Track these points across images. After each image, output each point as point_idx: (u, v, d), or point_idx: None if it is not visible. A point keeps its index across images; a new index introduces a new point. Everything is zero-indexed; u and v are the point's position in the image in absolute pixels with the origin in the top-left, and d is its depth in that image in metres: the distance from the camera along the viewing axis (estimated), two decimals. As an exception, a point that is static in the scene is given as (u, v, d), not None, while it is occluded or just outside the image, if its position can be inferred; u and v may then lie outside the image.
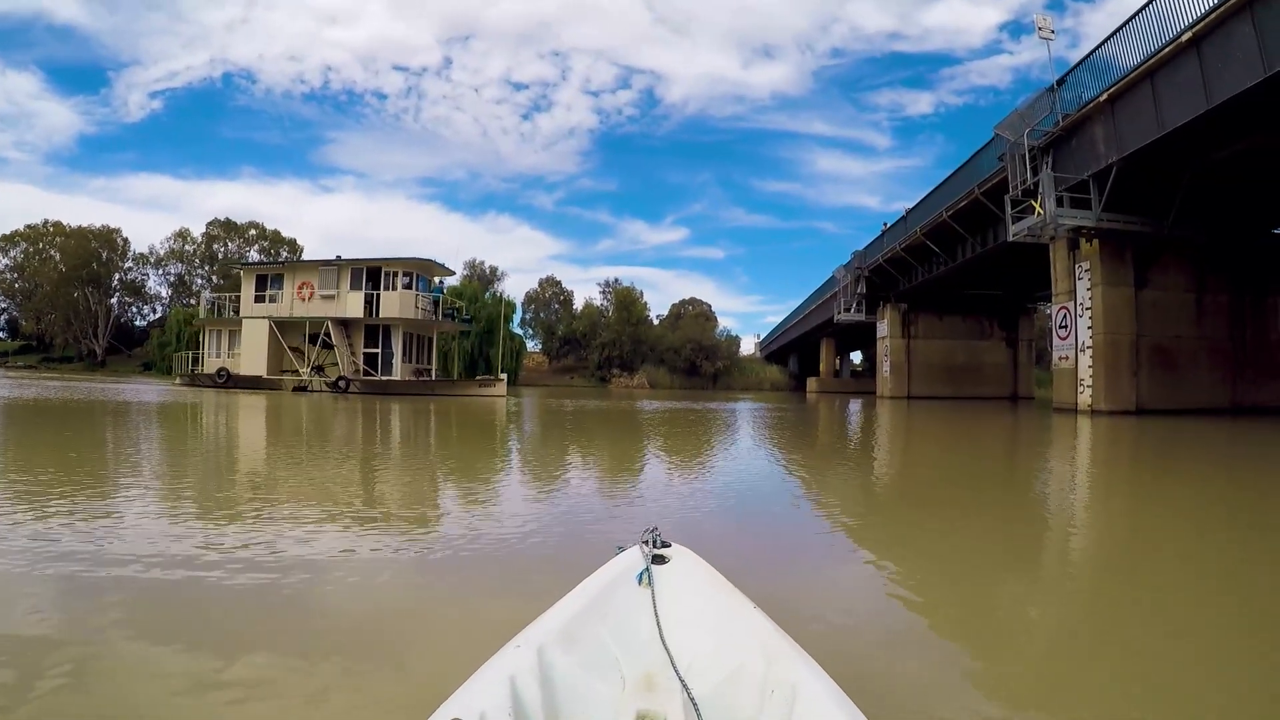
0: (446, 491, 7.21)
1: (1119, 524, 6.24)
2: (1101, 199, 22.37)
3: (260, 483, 7.20)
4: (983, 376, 44.89)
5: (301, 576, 3.65)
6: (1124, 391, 23.42)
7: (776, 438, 15.84)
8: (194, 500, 5.93)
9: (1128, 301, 23.63)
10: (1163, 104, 19.13)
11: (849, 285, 47.30)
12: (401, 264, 36.04)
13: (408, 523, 5.32)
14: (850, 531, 5.50)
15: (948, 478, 9.59)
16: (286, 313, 36.97)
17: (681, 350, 74.51)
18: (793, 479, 9.18)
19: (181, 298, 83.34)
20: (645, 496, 6.96)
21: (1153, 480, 9.77)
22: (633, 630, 1.97)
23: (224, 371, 37.01)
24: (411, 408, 22.91)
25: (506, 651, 1.72)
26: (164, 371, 67.18)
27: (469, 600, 3.48)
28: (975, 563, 4.57)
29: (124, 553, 3.96)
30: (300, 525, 4.86)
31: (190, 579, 3.56)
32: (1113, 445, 14.96)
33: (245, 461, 9.38)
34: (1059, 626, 3.35)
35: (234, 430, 14.46)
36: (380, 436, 13.73)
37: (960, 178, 32.13)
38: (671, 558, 2.29)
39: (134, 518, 5.01)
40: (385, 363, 36.26)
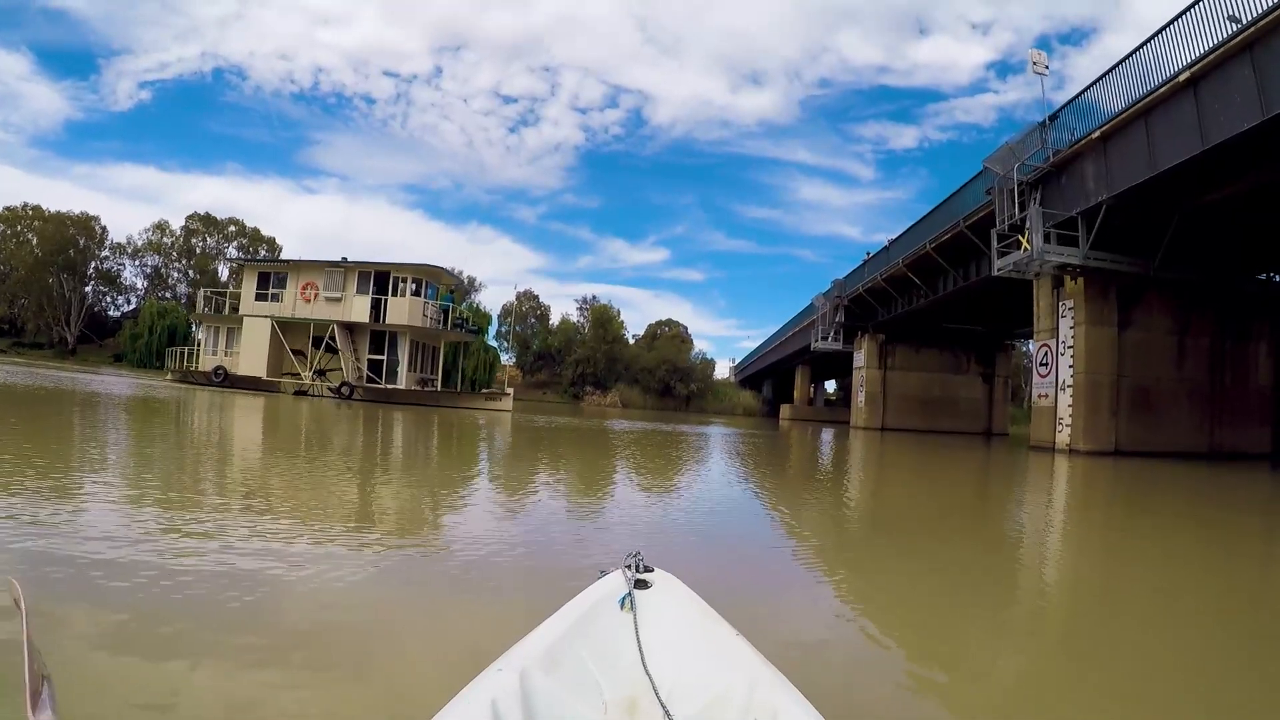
0: (453, 512, 6.89)
1: (1093, 564, 6.23)
2: (1089, 237, 22.18)
3: (299, 502, 6.71)
4: (957, 411, 44.72)
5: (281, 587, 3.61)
6: (1103, 432, 23.17)
7: (752, 465, 15.55)
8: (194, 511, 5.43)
9: (1110, 341, 23.43)
10: (1156, 144, 18.95)
11: (828, 313, 47.17)
12: (411, 270, 35.01)
13: (420, 548, 5.03)
14: (823, 564, 5.50)
15: (928, 512, 9.42)
16: (289, 313, 35.74)
17: (656, 371, 74.14)
18: (767, 508, 8.96)
19: (157, 290, 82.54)
20: (617, 519, 6.87)
21: (1128, 521, 9.70)
22: (615, 654, 1.97)
23: (221, 370, 35.61)
24: (420, 419, 22.12)
25: (488, 674, 1.72)
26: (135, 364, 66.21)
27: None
28: (951, 598, 4.52)
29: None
30: (301, 540, 4.66)
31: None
32: (1093, 486, 14.79)
33: (272, 474, 8.86)
34: (1026, 658, 3.43)
35: (247, 438, 13.80)
36: (404, 452, 13.26)
37: (945, 210, 31.99)
38: (654, 583, 2.28)
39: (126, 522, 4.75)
40: (390, 370, 35.08)
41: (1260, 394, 25.98)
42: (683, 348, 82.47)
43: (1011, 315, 37.59)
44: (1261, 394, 26.00)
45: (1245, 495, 14.33)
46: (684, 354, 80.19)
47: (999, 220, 24.64)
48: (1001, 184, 24.60)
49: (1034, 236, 22.74)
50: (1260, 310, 26.11)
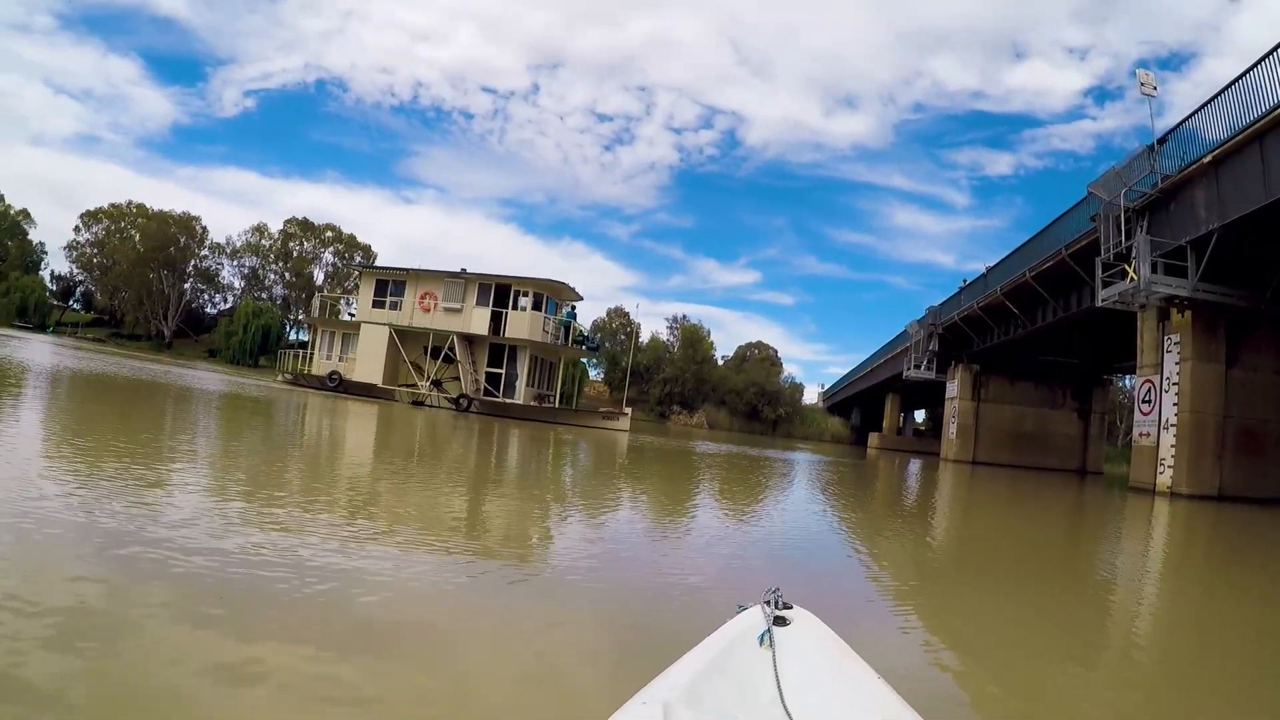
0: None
1: (1203, 625, 5.65)
2: (1199, 268, 21.06)
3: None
4: (1051, 447, 42.99)
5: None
6: (1207, 475, 21.91)
7: (843, 497, 15.34)
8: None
9: (1218, 379, 22.18)
10: (1273, 168, 17.90)
11: (921, 341, 46.08)
12: (532, 284, 34.85)
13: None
14: (917, 603, 5.36)
15: (1025, 556, 9.06)
16: (407, 321, 35.80)
17: (744, 394, 73.65)
18: (865, 542, 8.74)
19: (253, 290, 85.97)
20: (699, 544, 6.89)
21: (1234, 574, 9.10)
22: (754, 691, 1.95)
23: (336, 375, 35.82)
24: (542, 435, 22.07)
25: (632, 708, 1.72)
26: (228, 360, 68.43)
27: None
28: (1050, 647, 4.32)
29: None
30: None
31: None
32: (1198, 532, 14.01)
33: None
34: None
35: (378, 446, 13.98)
36: (538, 469, 13.32)
37: (1045, 238, 30.91)
38: (793, 619, 2.28)
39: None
40: (508, 384, 34.89)
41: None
42: (772, 371, 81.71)
43: (1111, 349, 36.17)
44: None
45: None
46: (773, 377, 79.48)
47: (1103, 249, 23.61)
48: (1107, 210, 23.61)
49: (1141, 266, 21.69)
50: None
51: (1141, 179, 22.52)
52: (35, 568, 3.30)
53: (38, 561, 3.40)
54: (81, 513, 4.43)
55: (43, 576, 3.17)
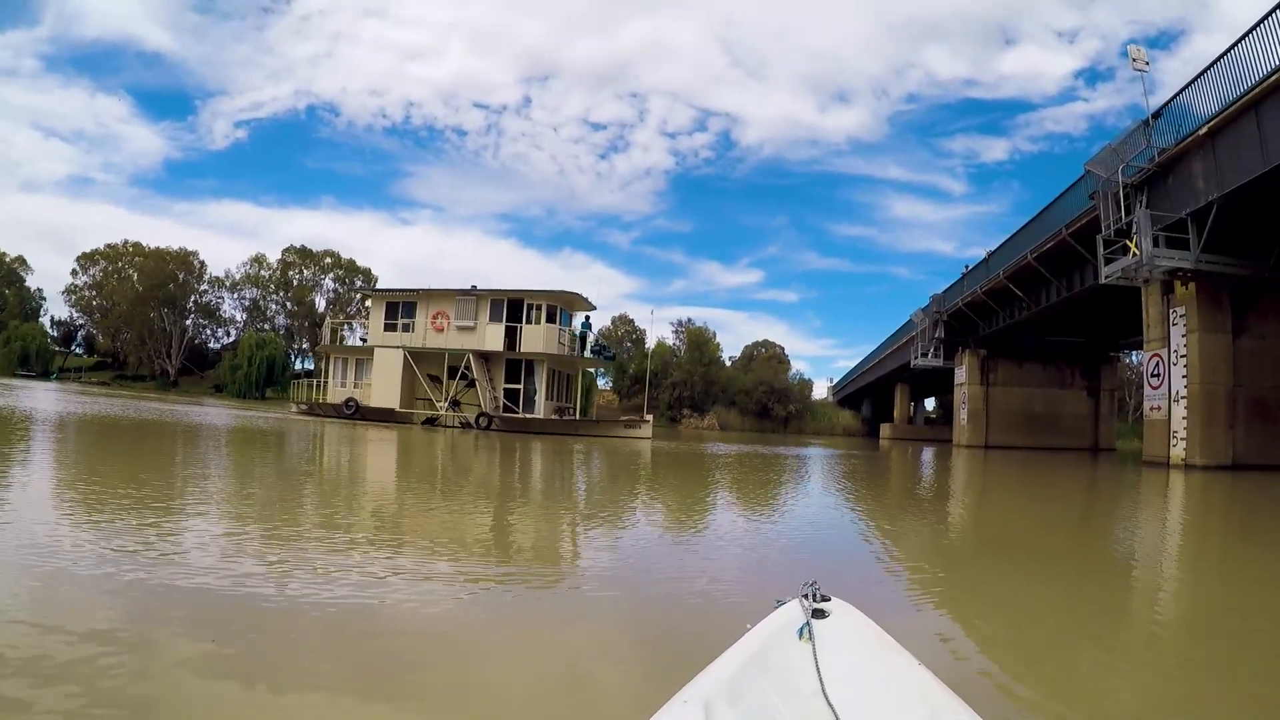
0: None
1: (1229, 597, 5.61)
2: (1200, 239, 21.09)
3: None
4: (1062, 426, 43.05)
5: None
6: (1220, 445, 21.95)
7: (861, 488, 15.38)
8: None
9: (1225, 349, 22.21)
10: (1269, 136, 17.94)
11: (926, 329, 46.12)
12: (545, 296, 34.31)
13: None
14: (941, 590, 5.33)
15: (1048, 535, 8.96)
16: (420, 343, 35.38)
17: (753, 393, 73.53)
18: (884, 531, 8.68)
19: (256, 322, 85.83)
20: (721, 542, 6.95)
21: (1255, 541, 9.13)
22: (795, 685, 1.95)
23: (352, 402, 35.32)
24: (571, 449, 21.78)
25: (673, 707, 1.72)
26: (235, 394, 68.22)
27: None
28: (1069, 628, 4.32)
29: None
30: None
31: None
32: (1214, 502, 14.02)
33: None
34: (1142, 698, 3.22)
35: (410, 474, 14.03)
36: (576, 484, 13.33)
37: (1045, 219, 30.99)
38: (831, 612, 2.27)
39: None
40: (527, 399, 34.45)
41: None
42: (780, 369, 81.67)
43: (1116, 326, 36.18)
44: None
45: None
46: (781, 375, 79.41)
47: (1104, 225, 23.68)
48: (1105, 187, 23.67)
49: (1142, 240, 21.74)
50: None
51: (1138, 154, 22.60)
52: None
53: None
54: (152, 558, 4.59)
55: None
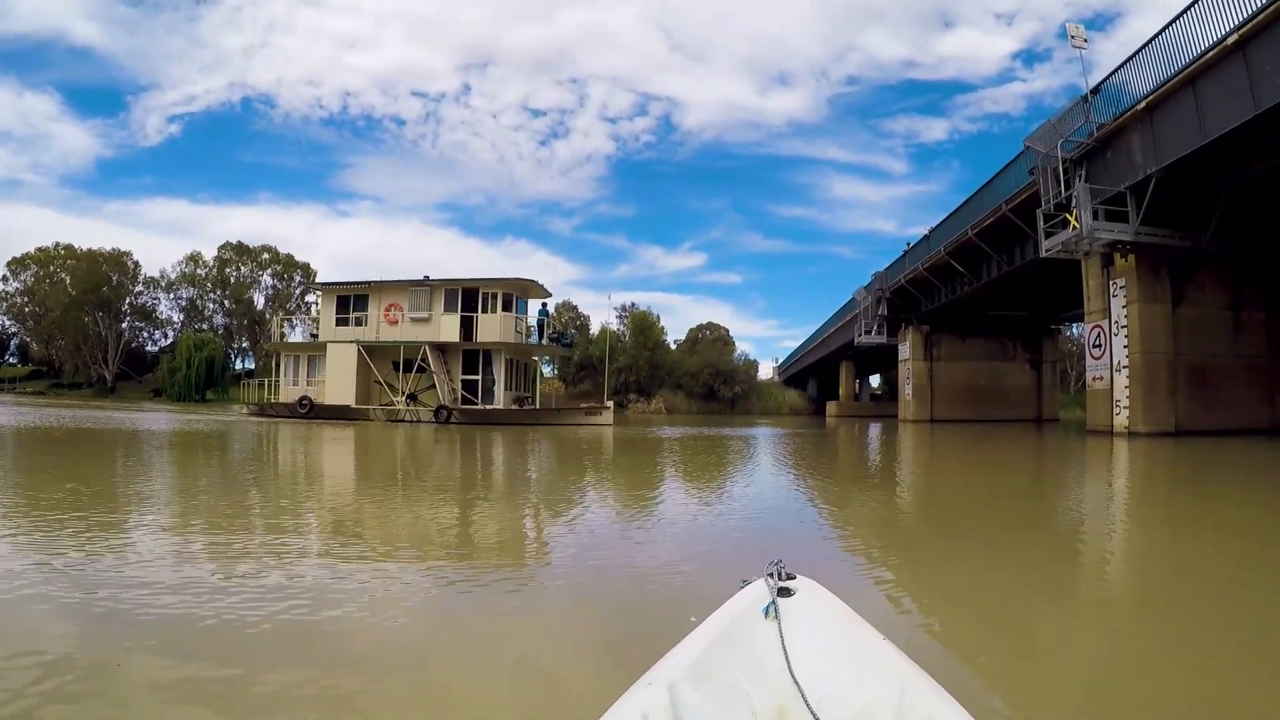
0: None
1: (1177, 556, 5.87)
2: (1139, 212, 21.58)
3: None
4: (1006, 399, 43.94)
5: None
6: (1162, 412, 22.54)
7: (812, 465, 15.45)
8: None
9: (1165, 319, 22.80)
10: (1206, 111, 18.39)
11: (870, 307, 46.62)
12: (500, 284, 33.50)
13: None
14: (894, 565, 5.28)
15: (998, 506, 9.02)
16: (374, 336, 34.28)
17: (699, 375, 73.50)
18: (835, 509, 8.77)
19: (194, 322, 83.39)
20: (667, 523, 6.99)
21: (1201, 505, 9.27)
22: (762, 664, 1.92)
23: (306, 400, 33.89)
24: (533, 440, 20.98)
25: (638, 689, 1.73)
26: (174, 398, 66.29)
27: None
28: (1023, 596, 4.40)
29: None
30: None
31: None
32: (1159, 468, 14.32)
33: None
34: (1098, 664, 3.18)
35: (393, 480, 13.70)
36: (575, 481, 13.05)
37: (986, 194, 31.43)
38: (797, 590, 2.24)
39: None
40: (486, 390, 33.72)
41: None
42: (725, 350, 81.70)
43: (1057, 299, 36.86)
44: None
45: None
46: (726, 356, 79.44)
47: (1044, 200, 24.10)
48: (1044, 163, 24.06)
49: (1082, 214, 22.15)
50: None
51: (1077, 129, 22.98)
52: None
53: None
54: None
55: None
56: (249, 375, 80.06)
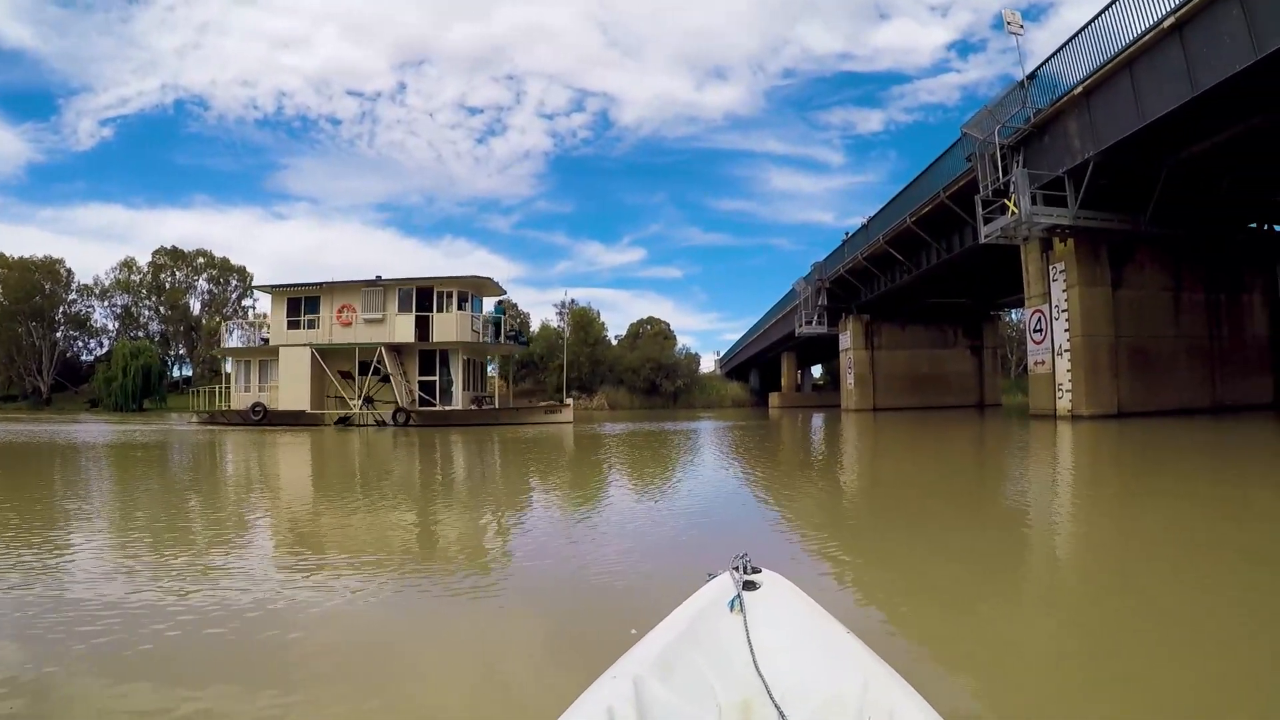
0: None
1: (1124, 537, 5.83)
2: (1078, 196, 21.66)
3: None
4: (948, 385, 44.39)
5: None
6: (1105, 394, 22.70)
7: (759, 459, 15.08)
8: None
9: (1105, 302, 22.97)
10: (1143, 93, 18.45)
11: (810, 298, 46.66)
12: (455, 283, 32.82)
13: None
14: (843, 557, 5.22)
15: (946, 492, 9.00)
16: (327, 338, 33.17)
17: (640, 370, 73.21)
18: (782, 501, 8.47)
19: (129, 330, 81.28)
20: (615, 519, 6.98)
21: (1147, 485, 9.30)
22: (727, 658, 1.94)
23: (260, 407, 32.78)
24: (497, 440, 20.44)
25: (604, 682, 1.73)
26: (111, 408, 64.64)
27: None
28: (972, 583, 4.40)
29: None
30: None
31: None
32: (1105, 451, 14.29)
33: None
34: (1052, 648, 3.24)
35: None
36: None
37: (924, 182, 31.46)
38: (763, 583, 2.25)
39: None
40: (444, 391, 32.94)
41: (1258, 344, 25.71)
42: (666, 345, 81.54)
43: (997, 285, 37.21)
44: (1259, 344, 25.74)
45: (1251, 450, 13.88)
46: (668, 350, 79.29)
47: (982, 186, 24.08)
48: (982, 149, 24.05)
49: (1021, 199, 22.16)
50: (1251, 259, 25.89)
51: (1014, 115, 22.99)
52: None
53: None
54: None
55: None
56: (187, 383, 78.54)
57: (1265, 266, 26.05)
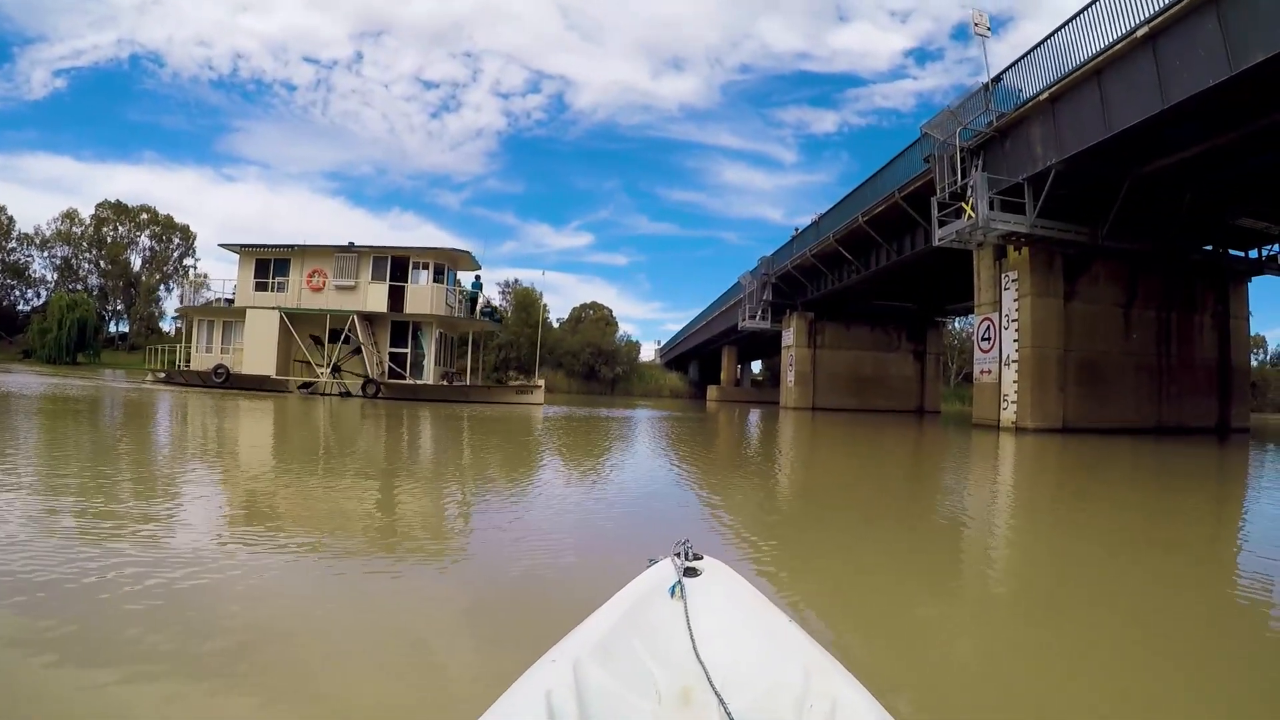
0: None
1: (1062, 554, 5.69)
2: (1037, 204, 21.24)
3: None
4: (889, 389, 44.32)
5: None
6: (1051, 408, 22.44)
7: (694, 452, 14.36)
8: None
9: (1057, 314, 22.70)
10: (1112, 104, 18.04)
11: (755, 292, 46.25)
12: (431, 254, 31.72)
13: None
14: (776, 559, 4.94)
15: (885, 499, 8.63)
16: (295, 303, 31.79)
17: (580, 354, 72.62)
18: (716, 498, 8.04)
19: (68, 283, 79.58)
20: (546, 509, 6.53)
21: (1092, 506, 8.79)
22: (667, 644, 1.89)
23: (222, 369, 31.30)
24: (473, 419, 19.43)
25: (542, 666, 1.70)
26: (44, 360, 62.67)
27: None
28: (908, 589, 4.29)
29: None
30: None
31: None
32: (1050, 466, 14.01)
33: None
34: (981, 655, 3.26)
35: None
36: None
37: (878, 182, 31.00)
38: (704, 570, 2.20)
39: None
40: (415, 365, 31.87)
41: (1205, 366, 25.79)
42: (607, 330, 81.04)
43: (944, 291, 37.13)
44: (1207, 366, 25.81)
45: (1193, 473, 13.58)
46: (609, 337, 78.79)
47: (939, 189, 23.60)
48: (941, 150, 23.59)
49: (979, 203, 21.69)
50: (1205, 280, 25.85)
51: (977, 117, 22.54)
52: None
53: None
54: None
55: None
56: (122, 339, 78.93)
57: (1217, 288, 26.09)
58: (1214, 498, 10.17)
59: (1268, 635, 3.71)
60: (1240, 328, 26.89)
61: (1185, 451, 17.54)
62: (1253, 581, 4.85)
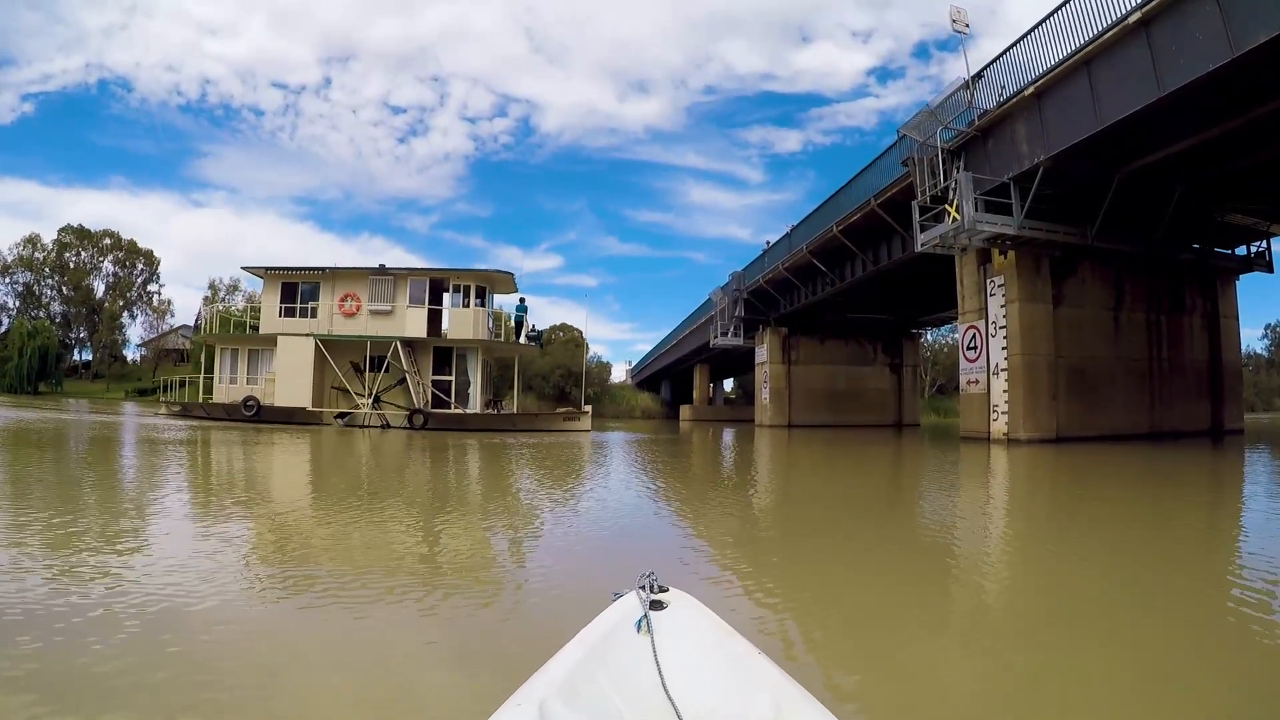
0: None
1: (1070, 577, 5.26)
2: (1023, 204, 20.40)
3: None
4: (867, 403, 43.47)
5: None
6: (1044, 418, 21.53)
7: (668, 475, 13.76)
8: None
9: (1046, 319, 21.86)
10: (1102, 95, 17.21)
11: (726, 308, 45.25)
12: (471, 276, 30.28)
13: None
14: (760, 582, 4.85)
15: (875, 518, 8.34)
16: (328, 329, 30.06)
17: (550, 376, 71.67)
18: (694, 522, 7.81)
19: (30, 310, 77.73)
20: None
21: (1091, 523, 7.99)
22: (635, 680, 1.85)
23: (253, 401, 29.21)
24: (541, 450, 17.66)
25: (506, 710, 1.66)
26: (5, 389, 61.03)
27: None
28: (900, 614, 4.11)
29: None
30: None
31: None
32: (1043, 478, 13.10)
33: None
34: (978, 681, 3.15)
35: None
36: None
37: (853, 189, 30.05)
38: (670, 603, 2.14)
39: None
40: (460, 392, 30.36)
41: (1196, 369, 25.20)
42: (577, 352, 79.99)
43: (920, 302, 36.39)
44: (1198, 368, 25.22)
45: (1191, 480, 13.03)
46: (579, 358, 77.90)
47: (919, 192, 22.66)
48: (921, 152, 22.66)
49: (964, 205, 20.79)
50: (1194, 280, 25.27)
51: (958, 116, 21.68)
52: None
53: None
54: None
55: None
56: (85, 367, 78.78)
57: (1207, 289, 25.53)
58: (1230, 513, 9.22)
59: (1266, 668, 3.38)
60: (1230, 327, 26.37)
61: (1184, 458, 16.95)
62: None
